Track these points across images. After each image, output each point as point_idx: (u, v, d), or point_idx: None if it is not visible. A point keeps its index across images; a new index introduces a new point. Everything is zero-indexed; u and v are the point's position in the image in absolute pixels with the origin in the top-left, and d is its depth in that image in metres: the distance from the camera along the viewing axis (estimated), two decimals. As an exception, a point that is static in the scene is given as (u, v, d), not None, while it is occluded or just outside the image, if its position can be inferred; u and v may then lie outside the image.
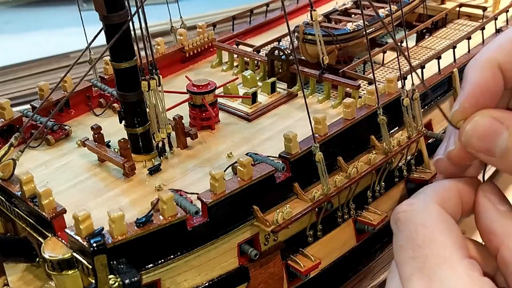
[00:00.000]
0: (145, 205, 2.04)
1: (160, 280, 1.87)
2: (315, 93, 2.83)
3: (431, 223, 0.91)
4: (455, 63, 2.98)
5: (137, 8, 1.99)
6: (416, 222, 0.92)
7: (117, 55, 2.15)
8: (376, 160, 2.34)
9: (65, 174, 2.31)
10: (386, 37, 3.52)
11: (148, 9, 2.08)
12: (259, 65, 3.02)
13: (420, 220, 0.92)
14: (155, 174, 2.26)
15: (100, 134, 2.35)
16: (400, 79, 2.56)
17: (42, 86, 2.65)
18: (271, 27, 3.61)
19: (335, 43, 2.97)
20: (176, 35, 3.14)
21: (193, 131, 2.42)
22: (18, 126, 2.44)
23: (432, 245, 0.89)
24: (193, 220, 1.89)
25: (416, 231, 0.91)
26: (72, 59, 4.85)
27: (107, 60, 2.78)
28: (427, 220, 0.91)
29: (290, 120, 2.61)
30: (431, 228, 0.90)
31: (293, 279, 2.21)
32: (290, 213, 2.05)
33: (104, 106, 2.76)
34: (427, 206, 0.93)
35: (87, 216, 1.71)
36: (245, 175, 1.98)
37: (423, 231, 0.90)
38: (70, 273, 1.77)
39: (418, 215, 0.92)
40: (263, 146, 2.41)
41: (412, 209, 0.94)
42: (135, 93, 2.21)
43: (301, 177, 2.15)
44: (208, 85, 2.53)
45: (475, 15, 3.60)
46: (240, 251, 2.06)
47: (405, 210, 0.94)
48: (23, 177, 1.91)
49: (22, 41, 5.68)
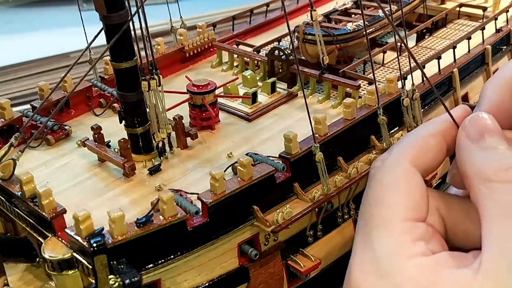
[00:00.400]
0: (145, 205, 2.03)
1: (160, 280, 1.87)
2: (315, 93, 2.83)
3: (389, 182, 0.89)
4: (455, 63, 2.98)
5: (137, 8, 1.99)
6: (377, 179, 0.90)
7: (117, 55, 2.15)
8: (376, 160, 2.34)
9: (65, 174, 2.31)
10: (386, 37, 3.52)
11: (148, 9, 2.08)
12: (259, 65, 3.02)
13: (381, 178, 0.90)
14: (155, 174, 2.26)
15: (100, 134, 2.35)
16: (400, 79, 2.56)
17: (42, 86, 2.65)
18: (271, 27, 3.61)
19: (335, 43, 2.97)
20: (176, 35, 3.14)
21: (193, 131, 2.42)
22: (18, 126, 2.44)
23: (378, 204, 0.87)
24: (193, 220, 1.89)
25: (374, 188, 0.90)
26: (72, 59, 4.85)
27: (107, 60, 2.78)
28: (387, 178, 0.89)
29: (290, 120, 2.61)
30: (386, 187, 0.88)
31: (293, 279, 2.21)
32: (290, 213, 2.05)
33: (104, 106, 2.76)
34: (395, 164, 0.90)
35: (87, 216, 1.71)
36: (245, 175, 1.98)
37: (378, 189, 0.89)
38: (70, 273, 1.77)
39: (383, 173, 0.91)
40: (263, 146, 2.41)
41: (383, 165, 0.92)
42: (135, 93, 2.21)
43: (301, 177, 2.15)
44: (208, 85, 2.53)
45: (475, 15, 3.60)
46: (240, 251, 2.06)
47: (377, 166, 0.92)
48: (23, 177, 1.91)
49: (22, 41, 5.66)
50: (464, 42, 3.08)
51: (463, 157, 0.89)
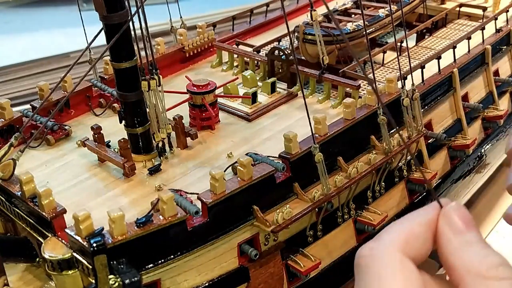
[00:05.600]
0: (145, 205, 2.03)
1: (160, 280, 1.87)
2: (315, 93, 2.83)
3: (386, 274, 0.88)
4: (455, 63, 2.98)
5: (137, 8, 1.99)
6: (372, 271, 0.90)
7: (117, 55, 2.15)
8: (376, 160, 2.34)
9: (65, 174, 2.31)
10: (386, 37, 3.52)
11: (148, 9, 2.08)
12: (259, 65, 3.02)
13: (377, 269, 0.90)
14: (155, 174, 2.26)
15: (100, 134, 2.35)
16: (400, 79, 2.56)
17: (42, 86, 2.65)
18: (271, 27, 3.61)
19: (335, 43, 2.97)
20: (176, 35, 3.14)
21: (193, 131, 2.42)
22: (18, 126, 2.44)
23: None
24: (193, 220, 1.89)
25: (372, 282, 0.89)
26: (72, 59, 4.86)
27: (107, 60, 2.78)
28: (383, 270, 0.89)
29: (290, 120, 2.61)
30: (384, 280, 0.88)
31: (293, 279, 2.22)
32: (290, 213, 2.05)
33: (104, 106, 2.76)
34: (387, 253, 0.90)
35: (87, 216, 1.71)
36: (245, 175, 1.98)
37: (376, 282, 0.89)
38: (70, 273, 1.77)
39: (376, 263, 0.90)
40: (263, 146, 2.41)
41: (372, 254, 0.91)
42: (135, 93, 2.21)
43: (301, 177, 2.15)
44: (208, 85, 2.53)
45: (475, 15, 3.60)
46: (240, 251, 2.06)
47: (365, 256, 0.92)
48: (23, 177, 1.91)
49: (22, 41, 5.67)
50: (464, 42, 3.08)
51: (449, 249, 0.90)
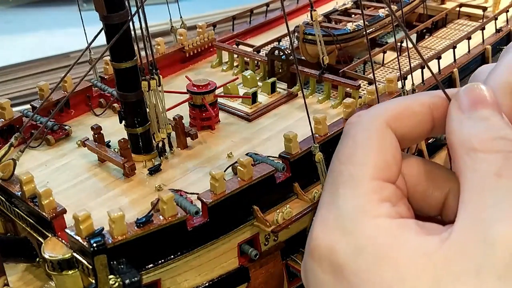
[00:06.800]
0: (145, 205, 2.03)
1: (160, 280, 1.87)
2: (315, 93, 2.83)
3: (361, 138, 0.83)
4: (455, 63, 2.98)
5: (137, 8, 1.99)
6: (351, 135, 0.85)
7: (117, 55, 2.15)
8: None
9: (65, 174, 2.31)
10: (386, 37, 3.52)
11: (148, 9, 2.08)
12: (259, 65, 3.02)
13: (355, 134, 0.84)
14: (155, 174, 2.26)
15: (100, 134, 2.35)
16: (400, 79, 2.56)
17: (42, 86, 2.65)
18: (271, 27, 3.61)
19: (335, 43, 2.97)
20: (176, 35, 3.14)
21: (193, 131, 2.42)
22: (18, 126, 2.44)
23: (347, 161, 0.83)
24: (193, 220, 1.89)
25: (346, 144, 0.85)
26: (72, 59, 4.85)
27: (107, 60, 2.78)
28: (361, 135, 0.84)
29: (290, 120, 2.61)
30: (358, 143, 0.83)
31: (293, 279, 2.21)
32: (290, 213, 2.05)
33: (104, 106, 2.76)
34: (372, 121, 0.84)
35: (87, 216, 1.71)
36: (245, 175, 1.98)
37: (350, 145, 0.84)
38: (70, 273, 1.77)
39: (357, 129, 0.85)
40: (263, 146, 2.41)
41: (357, 121, 0.86)
42: (135, 93, 2.21)
43: (301, 177, 2.15)
44: (208, 85, 2.53)
45: (475, 15, 3.60)
46: (240, 251, 2.06)
47: (351, 122, 0.87)
48: (23, 177, 1.91)
49: (22, 41, 5.66)
50: (464, 42, 3.07)
51: (451, 127, 0.82)
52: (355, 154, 0.83)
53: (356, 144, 0.83)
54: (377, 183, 0.80)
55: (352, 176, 0.81)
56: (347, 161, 0.83)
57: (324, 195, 0.83)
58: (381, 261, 0.72)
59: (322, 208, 0.82)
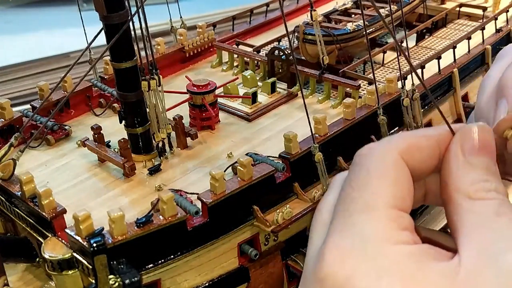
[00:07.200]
0: (145, 205, 2.03)
1: (160, 280, 1.87)
2: (315, 93, 2.83)
3: (376, 168, 0.85)
4: (455, 63, 2.98)
5: (137, 8, 1.99)
6: (364, 166, 0.87)
7: (117, 55, 2.15)
8: (376, 160, 2.34)
9: (65, 174, 2.31)
10: (386, 37, 3.52)
11: (148, 9, 2.08)
12: (259, 65, 3.02)
13: (369, 165, 0.86)
14: (155, 174, 2.26)
15: (100, 134, 2.35)
16: (400, 79, 2.56)
17: (42, 86, 2.65)
18: (271, 27, 3.61)
19: (335, 43, 2.97)
20: (176, 35, 3.14)
21: (193, 131, 2.42)
22: (18, 126, 2.44)
23: (363, 189, 0.84)
24: (193, 220, 1.89)
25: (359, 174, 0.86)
26: (72, 59, 4.85)
27: (107, 60, 2.78)
28: (375, 165, 0.85)
29: (290, 120, 2.61)
30: (372, 174, 0.85)
31: (293, 279, 2.21)
32: (290, 213, 2.05)
33: (104, 106, 2.76)
34: (385, 152, 0.87)
35: (87, 216, 1.71)
36: (245, 175, 1.98)
37: (364, 175, 0.85)
38: (70, 273, 1.77)
39: (370, 160, 0.87)
40: (263, 146, 2.41)
41: (369, 153, 0.88)
42: (135, 93, 2.21)
43: (301, 177, 2.15)
44: (208, 85, 2.53)
45: (475, 15, 3.60)
46: (240, 251, 2.06)
47: (362, 154, 0.89)
48: (23, 177, 1.91)
49: (22, 41, 5.67)
50: (464, 42, 3.07)
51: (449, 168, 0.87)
52: (370, 184, 0.84)
53: (371, 174, 0.85)
54: (395, 212, 0.82)
55: (367, 204, 0.82)
56: (361, 189, 0.85)
57: (335, 222, 0.84)
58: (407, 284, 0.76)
59: (334, 235, 0.83)
